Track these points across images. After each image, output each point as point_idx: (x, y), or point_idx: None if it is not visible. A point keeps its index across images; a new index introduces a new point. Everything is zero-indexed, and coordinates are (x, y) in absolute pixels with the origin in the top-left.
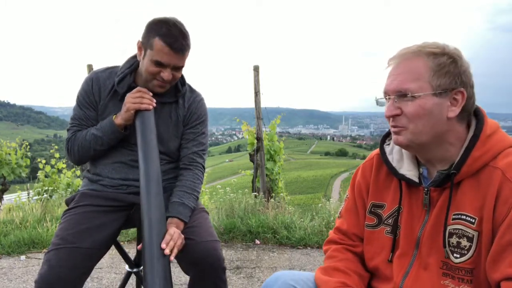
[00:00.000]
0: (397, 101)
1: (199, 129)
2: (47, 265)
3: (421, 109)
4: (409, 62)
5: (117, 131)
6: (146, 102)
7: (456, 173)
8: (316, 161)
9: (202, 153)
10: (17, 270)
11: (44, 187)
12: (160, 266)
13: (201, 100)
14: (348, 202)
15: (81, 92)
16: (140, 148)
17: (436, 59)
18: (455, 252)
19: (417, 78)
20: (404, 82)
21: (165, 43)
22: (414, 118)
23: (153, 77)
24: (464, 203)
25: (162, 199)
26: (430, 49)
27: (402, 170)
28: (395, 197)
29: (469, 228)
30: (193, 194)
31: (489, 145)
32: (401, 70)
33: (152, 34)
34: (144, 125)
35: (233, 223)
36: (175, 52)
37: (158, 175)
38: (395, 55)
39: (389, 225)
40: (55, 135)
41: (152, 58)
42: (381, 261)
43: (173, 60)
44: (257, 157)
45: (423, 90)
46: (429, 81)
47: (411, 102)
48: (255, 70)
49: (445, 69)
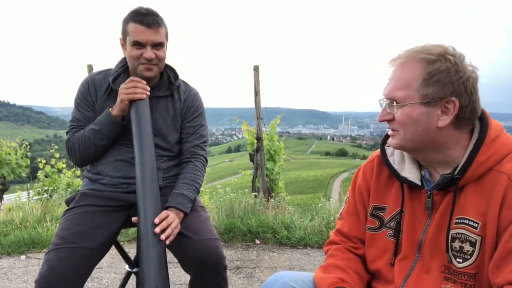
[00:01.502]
0: (388, 106)
1: (198, 121)
2: (47, 265)
3: (407, 118)
4: (402, 68)
5: (114, 121)
6: (139, 92)
7: (460, 178)
8: (316, 161)
9: (204, 145)
10: (17, 270)
11: (44, 187)
12: (155, 254)
13: (196, 94)
14: (349, 204)
15: (78, 95)
16: (135, 136)
17: (428, 66)
18: (458, 256)
19: (406, 86)
20: (393, 90)
21: (136, 22)
22: (401, 125)
23: (138, 61)
24: (467, 207)
25: (158, 188)
26: (424, 55)
27: (404, 173)
28: (397, 200)
29: (472, 232)
30: (194, 185)
31: (494, 149)
32: (394, 76)
33: (125, 23)
34: (138, 114)
35: (233, 223)
36: (147, 27)
37: (153, 163)
38: (395, 57)
39: (391, 228)
40: (55, 135)
41: (130, 42)
42: (383, 264)
43: (149, 36)
44: (257, 157)
45: (410, 99)
46: (417, 89)
47: (399, 110)
48: (255, 70)
49: (435, 78)
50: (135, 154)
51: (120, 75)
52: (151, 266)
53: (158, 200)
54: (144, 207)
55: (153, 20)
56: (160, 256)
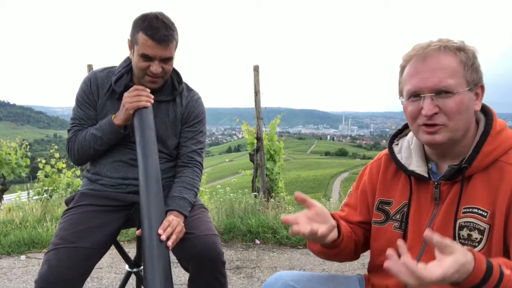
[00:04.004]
0: (435, 99)
1: (197, 127)
2: (47, 265)
3: (462, 105)
4: (440, 58)
5: (116, 131)
6: (143, 100)
7: (467, 167)
8: (316, 161)
9: (201, 151)
10: (17, 270)
11: (44, 187)
12: (160, 265)
13: (198, 99)
14: (350, 198)
15: (80, 93)
16: (139, 146)
17: (465, 54)
18: (466, 244)
19: (454, 74)
20: (443, 79)
21: (147, 36)
22: (455, 114)
23: (143, 72)
24: (475, 197)
25: (162, 198)
26: (454, 44)
27: (412, 167)
28: (403, 193)
29: (481, 221)
30: (193, 190)
31: (499, 141)
32: (434, 66)
33: (136, 30)
34: (142, 122)
35: (233, 223)
36: (158, 43)
37: (158, 173)
38: (417, 52)
39: (397, 220)
40: (55, 135)
41: (138, 53)
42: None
43: (158, 52)
44: (257, 157)
45: (461, 86)
46: (464, 76)
47: (451, 99)
48: (255, 70)
49: (475, 64)
50: (139, 163)
51: (123, 75)
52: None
53: (163, 209)
54: (149, 216)
55: (164, 36)
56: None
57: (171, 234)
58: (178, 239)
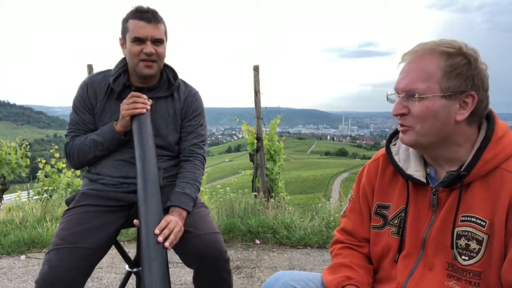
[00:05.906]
0: (405, 100)
1: (197, 121)
2: (47, 265)
3: (428, 111)
4: (421, 60)
5: (117, 137)
6: (139, 107)
7: (466, 175)
8: (316, 161)
9: (202, 144)
10: (17, 270)
11: (44, 187)
12: (157, 266)
13: (196, 93)
14: (353, 203)
15: (77, 98)
16: (137, 150)
17: (449, 59)
18: (464, 254)
19: (427, 78)
20: (413, 82)
21: (136, 19)
22: (420, 119)
23: (138, 58)
24: (474, 205)
25: (160, 199)
26: (445, 48)
27: (409, 171)
28: (401, 198)
29: (479, 230)
30: (195, 184)
31: (501, 147)
32: (412, 68)
33: (125, 22)
34: (139, 128)
35: (233, 223)
36: (147, 22)
37: (155, 176)
38: (410, 51)
39: (394, 225)
40: (55, 135)
41: (131, 39)
42: (387, 262)
43: (149, 31)
44: (257, 157)
45: (431, 92)
46: (438, 82)
47: (418, 103)
48: (255, 70)
49: (457, 71)
50: (137, 168)
51: (120, 75)
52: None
53: (160, 210)
54: (146, 216)
55: (152, 16)
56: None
57: (169, 235)
58: (177, 239)
